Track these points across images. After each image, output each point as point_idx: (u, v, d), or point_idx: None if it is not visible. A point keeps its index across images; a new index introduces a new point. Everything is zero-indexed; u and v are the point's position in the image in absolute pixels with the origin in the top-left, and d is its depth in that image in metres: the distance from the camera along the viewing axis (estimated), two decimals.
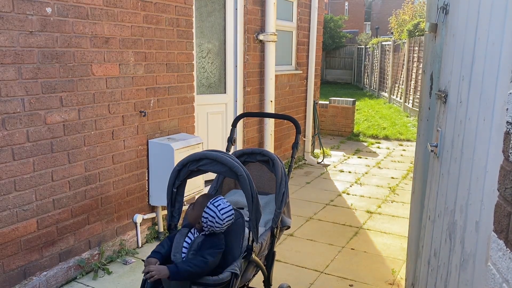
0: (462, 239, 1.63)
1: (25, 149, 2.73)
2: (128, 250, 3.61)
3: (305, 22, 6.46)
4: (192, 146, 3.78)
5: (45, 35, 2.76)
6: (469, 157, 1.61)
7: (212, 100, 4.67)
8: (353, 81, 22.35)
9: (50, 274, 2.99)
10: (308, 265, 3.48)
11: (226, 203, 2.11)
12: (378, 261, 3.59)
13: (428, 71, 2.53)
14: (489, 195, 1.34)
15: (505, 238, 1.09)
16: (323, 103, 9.16)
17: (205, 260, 1.96)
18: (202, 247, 2.03)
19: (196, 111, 4.45)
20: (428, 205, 2.29)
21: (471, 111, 1.62)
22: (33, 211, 2.83)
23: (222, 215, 2.05)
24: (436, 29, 2.35)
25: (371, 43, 18.93)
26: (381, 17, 35.78)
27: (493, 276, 1.16)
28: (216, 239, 2.07)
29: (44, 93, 2.80)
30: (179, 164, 2.17)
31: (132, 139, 3.54)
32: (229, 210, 2.09)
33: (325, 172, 6.34)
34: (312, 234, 4.09)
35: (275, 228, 2.44)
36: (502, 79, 1.31)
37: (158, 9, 3.62)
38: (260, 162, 2.71)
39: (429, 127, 2.49)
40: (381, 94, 16.59)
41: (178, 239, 2.11)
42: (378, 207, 4.89)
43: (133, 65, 3.45)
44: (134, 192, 3.64)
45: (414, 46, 12.28)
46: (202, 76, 4.57)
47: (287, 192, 2.52)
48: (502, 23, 1.35)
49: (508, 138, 1.11)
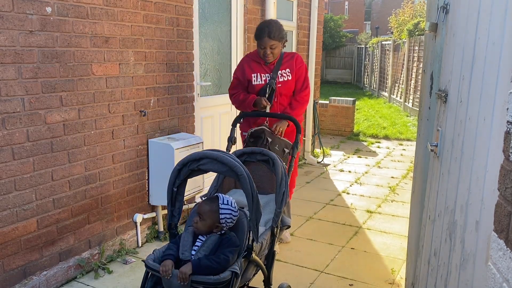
0: (462, 238, 1.63)
1: (25, 148, 2.73)
2: (128, 250, 3.61)
3: (305, 21, 6.46)
4: (192, 145, 3.78)
5: (45, 35, 2.76)
6: (470, 156, 1.61)
7: (220, 101, 4.69)
8: (353, 80, 22.34)
9: (50, 273, 2.99)
10: (308, 264, 3.48)
11: (228, 196, 2.22)
12: (378, 261, 3.59)
13: (428, 71, 2.53)
14: (489, 195, 1.34)
15: (505, 237, 1.09)
16: (323, 103, 9.15)
17: (227, 257, 2.01)
18: (221, 246, 2.08)
19: (207, 113, 4.49)
20: (428, 204, 2.29)
21: (472, 111, 1.62)
22: (33, 211, 2.83)
23: (235, 207, 2.17)
24: (436, 28, 2.35)
25: (371, 43, 18.93)
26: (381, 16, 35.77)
27: (493, 275, 1.16)
28: (232, 236, 2.14)
29: (44, 92, 2.80)
30: (179, 164, 2.17)
31: (132, 139, 3.54)
32: (233, 200, 2.21)
33: (325, 171, 6.34)
34: (312, 233, 4.09)
35: (275, 228, 2.44)
36: (502, 78, 1.31)
37: (158, 9, 3.62)
38: (260, 161, 2.71)
39: (429, 127, 2.49)
40: (381, 94, 16.59)
41: (186, 238, 2.14)
42: (378, 207, 4.89)
43: (133, 64, 3.45)
44: (134, 191, 3.64)
45: (414, 45, 12.28)
46: (215, 76, 4.62)
47: (287, 192, 2.52)
48: (502, 22, 1.35)
49: (508, 137, 1.11)
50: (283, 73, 3.28)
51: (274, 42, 3.15)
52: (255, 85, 3.28)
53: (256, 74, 3.28)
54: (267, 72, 3.26)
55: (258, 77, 3.28)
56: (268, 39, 3.14)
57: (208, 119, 4.55)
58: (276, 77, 3.25)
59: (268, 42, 3.15)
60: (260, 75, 3.28)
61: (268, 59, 3.22)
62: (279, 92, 3.26)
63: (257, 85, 3.28)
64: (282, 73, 3.28)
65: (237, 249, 2.10)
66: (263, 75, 3.27)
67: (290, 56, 3.35)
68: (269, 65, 3.26)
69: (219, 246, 2.09)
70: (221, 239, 2.11)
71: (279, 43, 3.18)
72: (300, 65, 3.34)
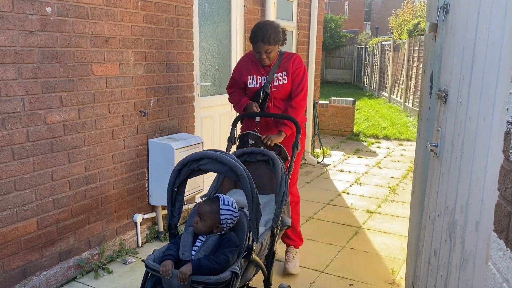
0: (462, 238, 1.63)
1: (25, 148, 2.73)
2: (128, 250, 3.61)
3: (305, 22, 6.46)
4: (192, 145, 3.78)
5: (45, 35, 2.76)
6: (469, 156, 1.61)
7: (220, 101, 4.69)
8: (353, 80, 22.34)
9: (50, 273, 2.99)
10: (308, 264, 3.48)
11: (228, 197, 2.22)
12: (378, 261, 3.59)
13: (428, 71, 2.53)
14: (489, 195, 1.34)
15: (505, 238, 1.09)
16: (323, 103, 9.15)
17: (227, 257, 2.01)
18: (220, 246, 2.08)
19: (207, 113, 4.49)
20: (428, 204, 2.29)
21: (472, 111, 1.62)
22: (33, 211, 2.83)
23: (235, 208, 2.18)
24: (436, 28, 2.35)
25: (371, 43, 18.93)
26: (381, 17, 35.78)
27: (493, 275, 1.16)
28: (232, 237, 2.14)
29: (44, 92, 2.80)
30: (179, 164, 2.17)
31: (132, 139, 3.54)
32: (233, 201, 2.22)
33: (325, 171, 6.34)
34: (312, 233, 4.09)
35: (275, 228, 2.44)
36: (502, 78, 1.31)
37: (158, 9, 3.62)
38: (260, 161, 2.71)
39: (429, 127, 2.49)
40: (381, 94, 16.59)
41: (186, 238, 2.14)
42: (378, 207, 4.89)
43: (133, 64, 3.45)
44: (134, 191, 3.64)
45: (414, 46, 12.28)
46: (215, 76, 4.61)
47: (287, 192, 2.52)
48: (502, 22, 1.35)
49: (508, 137, 1.11)
50: (279, 76, 3.16)
51: (269, 47, 3.02)
52: (251, 88, 3.22)
53: (252, 76, 3.21)
54: (264, 75, 3.17)
55: (254, 79, 3.20)
56: (261, 44, 3.01)
57: (208, 119, 4.55)
58: (271, 80, 3.12)
59: (262, 47, 3.02)
60: (256, 78, 3.20)
61: (264, 63, 3.12)
62: (274, 96, 3.16)
63: (252, 88, 3.20)
64: (278, 76, 3.16)
65: (237, 249, 2.10)
66: (259, 77, 3.19)
67: (289, 57, 3.22)
68: (266, 67, 3.19)
69: (219, 246, 2.09)
70: (221, 239, 2.11)
71: (274, 47, 3.05)
72: (296, 67, 3.18)
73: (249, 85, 3.21)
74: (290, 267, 3.28)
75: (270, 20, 3.20)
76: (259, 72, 3.19)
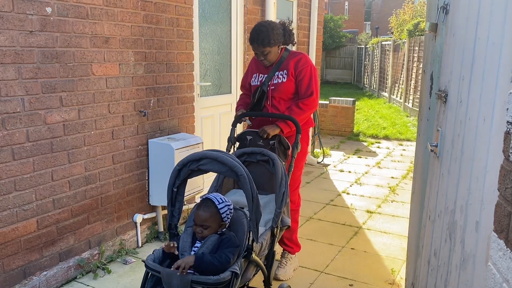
0: (462, 239, 1.63)
1: (25, 149, 2.73)
2: (128, 250, 3.61)
3: (305, 22, 6.46)
4: (192, 146, 3.78)
5: (45, 35, 2.76)
6: (469, 157, 1.61)
7: (220, 101, 4.69)
8: (353, 81, 22.34)
9: (50, 273, 2.99)
10: (308, 264, 3.48)
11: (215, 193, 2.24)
12: (378, 261, 3.59)
13: (428, 71, 2.53)
14: (489, 195, 1.34)
15: (505, 238, 1.09)
16: (323, 103, 9.15)
17: (228, 258, 2.01)
18: (220, 246, 2.08)
19: (207, 113, 4.48)
20: (428, 205, 2.29)
21: (471, 111, 1.62)
22: (33, 211, 2.83)
23: (226, 200, 2.19)
24: (436, 28, 2.35)
25: (371, 43, 18.92)
26: (381, 17, 35.78)
27: (493, 276, 1.16)
28: (232, 237, 2.14)
29: (44, 92, 2.80)
30: (179, 164, 2.17)
31: (132, 139, 3.54)
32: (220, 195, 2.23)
33: (325, 171, 6.34)
34: (312, 233, 4.09)
35: (275, 228, 2.44)
36: (502, 79, 1.31)
37: (158, 9, 3.62)
38: (260, 161, 2.71)
39: (429, 127, 2.49)
40: (381, 94, 16.59)
41: (185, 238, 2.15)
42: (378, 207, 4.89)
43: (133, 64, 3.45)
44: (134, 192, 3.64)
45: (414, 46, 12.28)
46: (215, 76, 4.61)
47: (287, 192, 2.52)
48: (502, 23, 1.35)
49: (508, 137, 1.11)
50: (279, 75, 3.12)
51: (264, 48, 3.01)
52: (252, 85, 3.24)
53: (256, 74, 3.24)
54: (265, 73, 3.18)
55: (257, 77, 3.23)
56: (257, 46, 3.01)
57: (208, 119, 4.55)
58: (270, 78, 3.12)
59: (257, 49, 3.03)
60: (259, 75, 3.23)
61: (264, 63, 3.14)
62: (271, 95, 3.13)
63: (254, 86, 3.24)
64: (278, 74, 3.12)
65: (237, 250, 2.10)
66: (261, 75, 3.21)
67: (293, 57, 3.16)
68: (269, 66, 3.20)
69: (219, 247, 2.09)
70: (221, 239, 2.11)
71: (271, 48, 3.03)
72: (302, 68, 3.10)
73: (251, 83, 3.26)
74: (280, 273, 3.22)
75: (269, 21, 3.16)
76: (262, 70, 3.21)
